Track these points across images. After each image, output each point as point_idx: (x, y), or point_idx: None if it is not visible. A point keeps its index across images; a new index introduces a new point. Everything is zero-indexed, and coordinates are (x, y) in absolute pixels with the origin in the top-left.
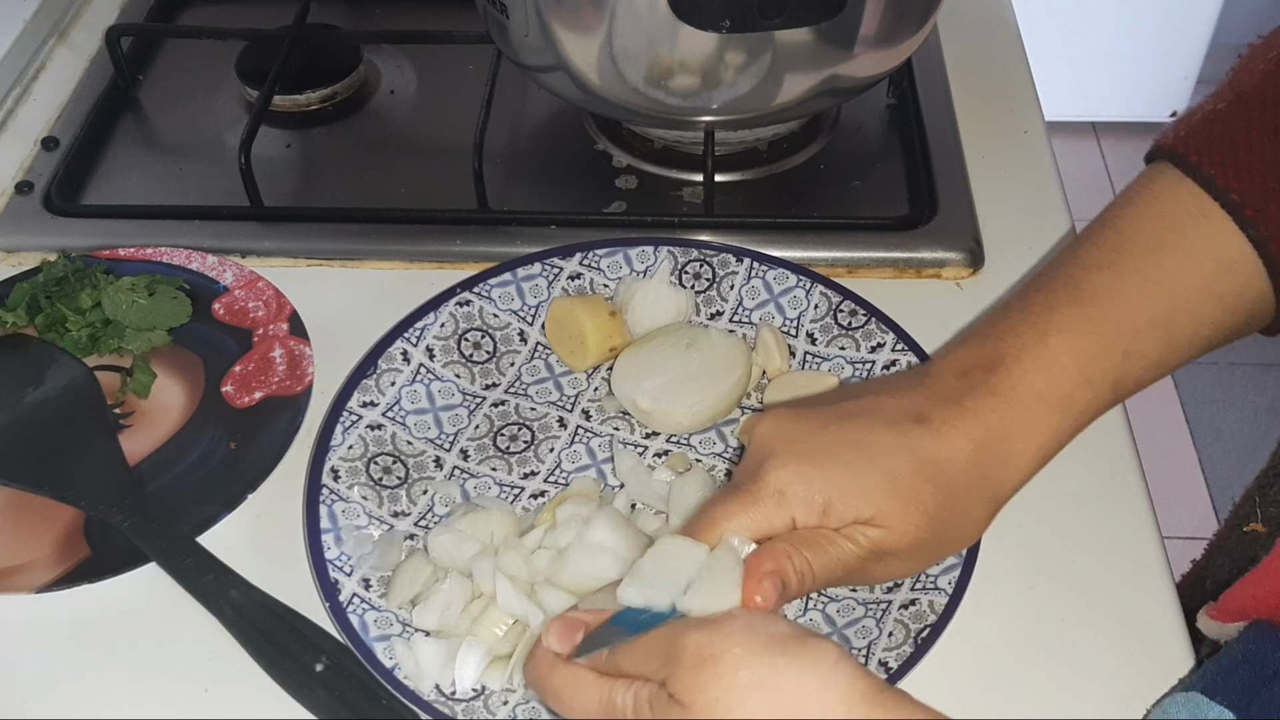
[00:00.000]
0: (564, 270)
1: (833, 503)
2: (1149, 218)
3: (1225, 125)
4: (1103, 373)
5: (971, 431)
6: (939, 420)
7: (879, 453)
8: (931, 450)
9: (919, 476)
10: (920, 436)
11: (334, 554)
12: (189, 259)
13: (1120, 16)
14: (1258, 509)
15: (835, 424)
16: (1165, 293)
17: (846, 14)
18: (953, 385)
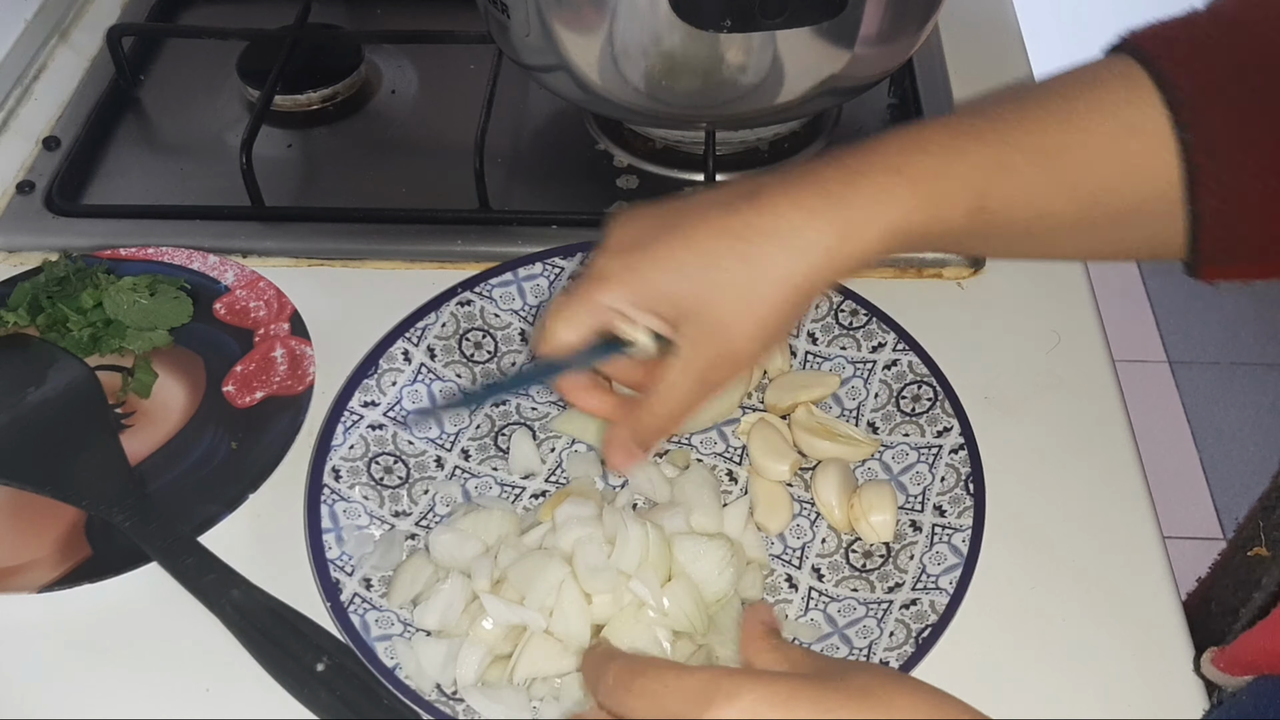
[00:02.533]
0: (565, 270)
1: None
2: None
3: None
4: (969, 169)
5: (801, 199)
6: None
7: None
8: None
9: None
10: (746, 210)
11: (335, 554)
12: (190, 259)
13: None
14: (1261, 532)
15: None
16: (1061, 129)
17: (848, 14)
18: (804, 164)
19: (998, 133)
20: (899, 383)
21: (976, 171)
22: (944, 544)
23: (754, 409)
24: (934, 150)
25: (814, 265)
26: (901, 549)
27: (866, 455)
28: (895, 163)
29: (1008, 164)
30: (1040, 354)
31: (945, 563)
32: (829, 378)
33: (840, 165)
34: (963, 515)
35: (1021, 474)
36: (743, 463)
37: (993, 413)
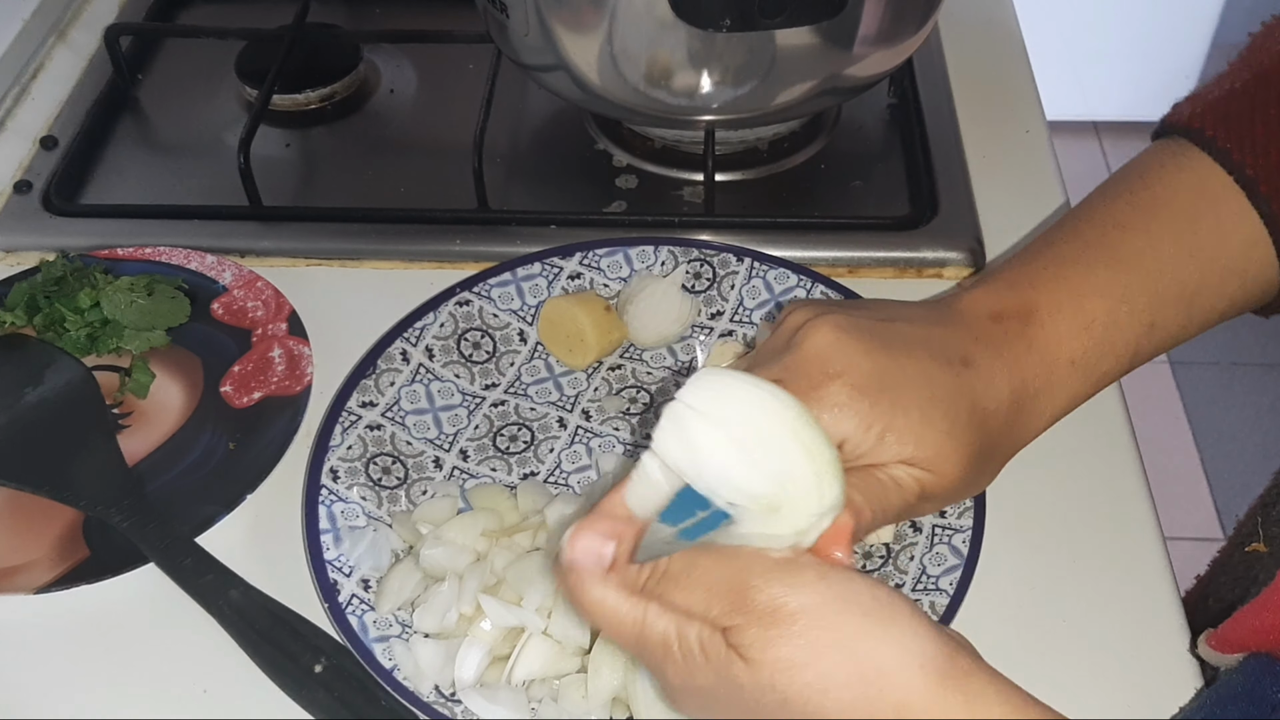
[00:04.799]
0: (564, 270)
1: (888, 434)
2: (1182, 185)
3: (1241, 103)
4: (1127, 342)
5: (1011, 384)
6: (985, 366)
7: (939, 391)
8: (980, 397)
9: (972, 422)
10: (971, 379)
11: (333, 554)
12: (188, 259)
13: (1122, 16)
14: (1260, 528)
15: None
16: (1195, 266)
17: (847, 13)
18: (989, 329)
19: (1146, 292)
20: None
21: (1131, 344)
22: (944, 545)
23: None
24: (1098, 331)
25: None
26: (901, 550)
27: None
28: (1071, 353)
29: (1158, 325)
30: None
31: (945, 564)
32: None
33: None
34: (963, 516)
35: (1021, 474)
36: None
37: None
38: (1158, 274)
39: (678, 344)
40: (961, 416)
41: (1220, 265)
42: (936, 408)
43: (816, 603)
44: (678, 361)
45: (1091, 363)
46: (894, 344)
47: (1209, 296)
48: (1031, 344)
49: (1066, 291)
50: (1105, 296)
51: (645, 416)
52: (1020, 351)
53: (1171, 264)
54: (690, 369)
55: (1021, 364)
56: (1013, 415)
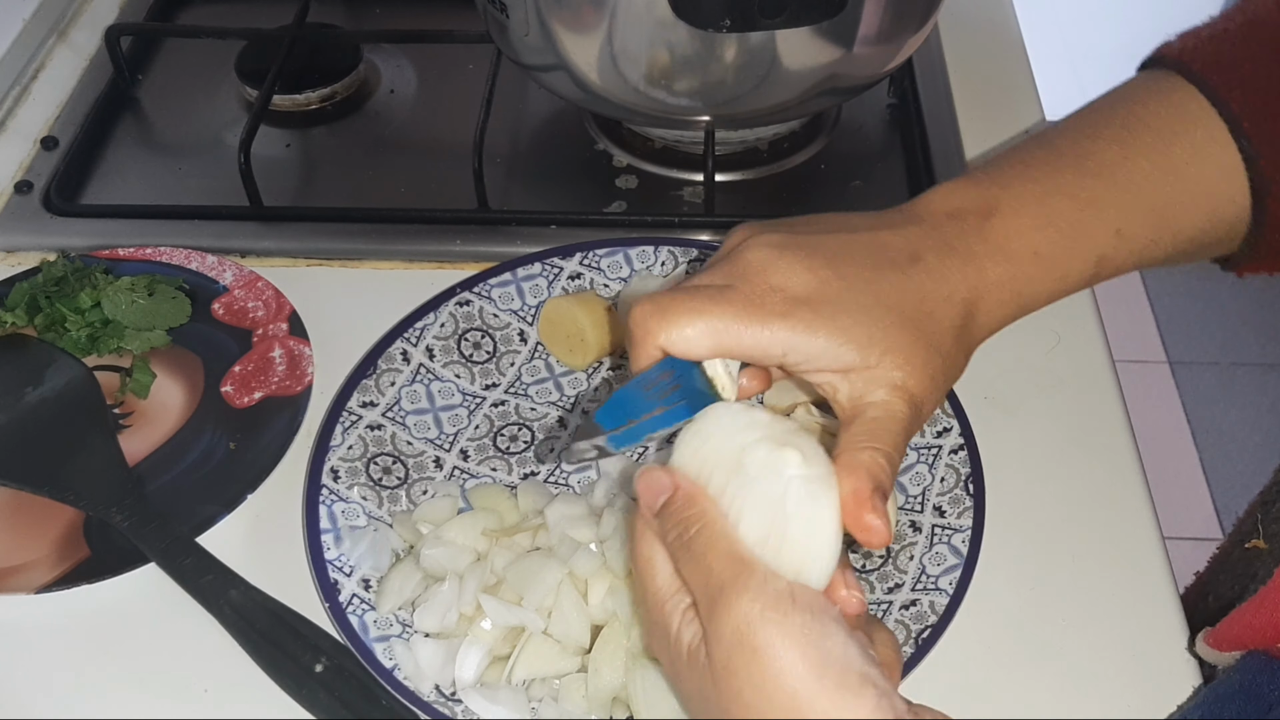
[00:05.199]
0: (564, 270)
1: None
2: (1163, 108)
3: (1232, 43)
4: (1092, 245)
5: (966, 275)
6: (934, 262)
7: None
8: (930, 290)
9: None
10: (919, 276)
11: (334, 554)
12: (188, 259)
13: (1121, 15)
14: (1259, 525)
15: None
16: (1167, 182)
17: (847, 13)
18: (945, 226)
19: (1114, 198)
20: None
21: (1097, 245)
22: (944, 544)
23: None
24: (1062, 227)
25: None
26: (901, 549)
27: None
28: (1032, 245)
29: (1125, 231)
30: (1040, 354)
31: (945, 563)
32: None
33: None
34: (962, 516)
35: (1021, 475)
36: None
37: (993, 413)
38: (1127, 183)
39: None
40: (909, 310)
41: (1192, 185)
42: (881, 306)
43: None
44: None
45: (1055, 257)
46: (834, 254)
47: (1179, 214)
48: (989, 237)
49: (1031, 190)
50: (1071, 198)
51: None
52: (975, 244)
53: (1142, 176)
54: None
55: (977, 254)
56: (972, 304)
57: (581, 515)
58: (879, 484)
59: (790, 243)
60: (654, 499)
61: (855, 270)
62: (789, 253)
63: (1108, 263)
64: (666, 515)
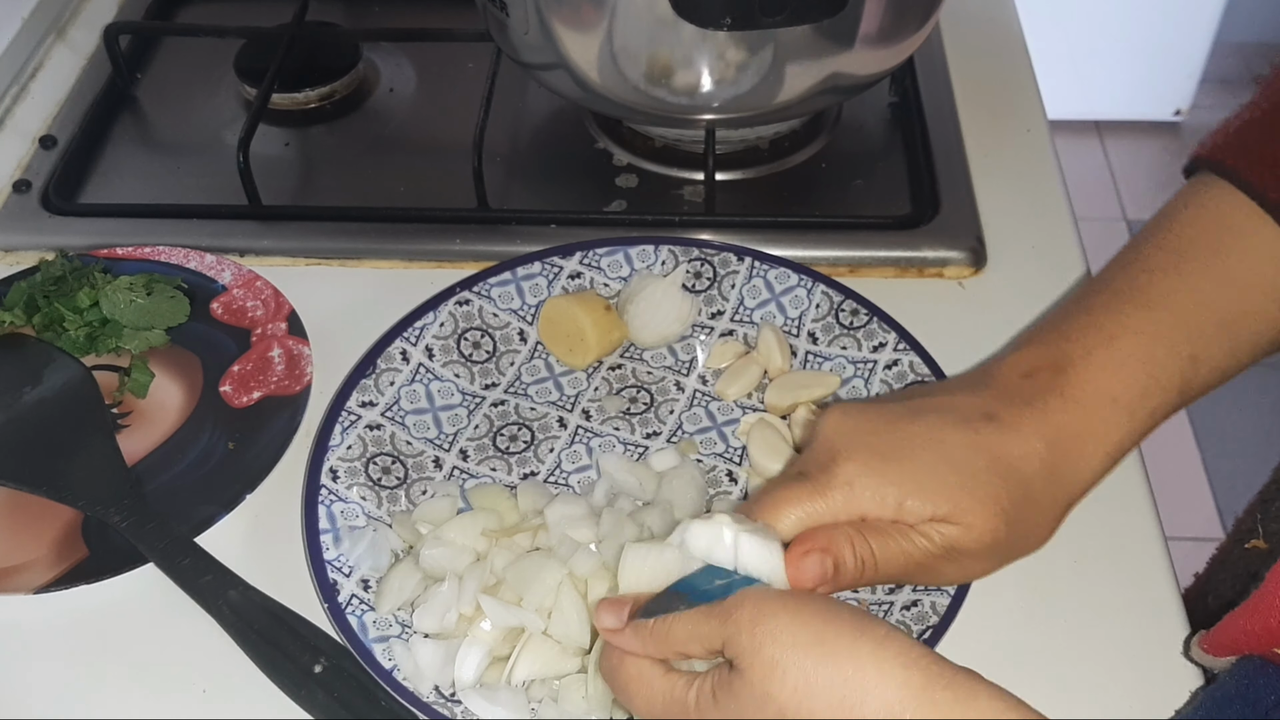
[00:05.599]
0: (564, 269)
1: (906, 500)
2: (1207, 221)
3: (1261, 131)
4: (1170, 376)
5: (1043, 431)
6: (1010, 419)
7: (952, 450)
8: (1005, 448)
9: (994, 474)
10: (992, 434)
11: (333, 554)
12: (187, 258)
13: (1123, 15)
14: (1259, 525)
15: (905, 420)
16: (1230, 296)
17: (848, 12)
18: (1019, 385)
19: (1182, 326)
20: (900, 383)
21: (1176, 377)
22: None
23: (754, 409)
24: (1135, 367)
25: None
26: None
27: None
28: (1109, 390)
29: (1200, 355)
30: None
31: None
32: (829, 378)
33: (1060, 392)
34: None
35: None
36: (743, 463)
37: None
38: (1192, 307)
39: (678, 343)
40: (980, 469)
41: (1256, 291)
42: (949, 464)
43: (795, 605)
44: (678, 361)
45: (1135, 398)
46: (902, 417)
47: (1251, 323)
48: (1065, 390)
49: (1097, 337)
50: (1138, 334)
51: (645, 416)
52: (1053, 398)
53: (1204, 296)
54: (691, 368)
55: (1053, 409)
56: (1053, 461)
57: (581, 515)
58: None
59: (854, 408)
60: (618, 615)
61: (920, 428)
62: (849, 416)
63: (1191, 388)
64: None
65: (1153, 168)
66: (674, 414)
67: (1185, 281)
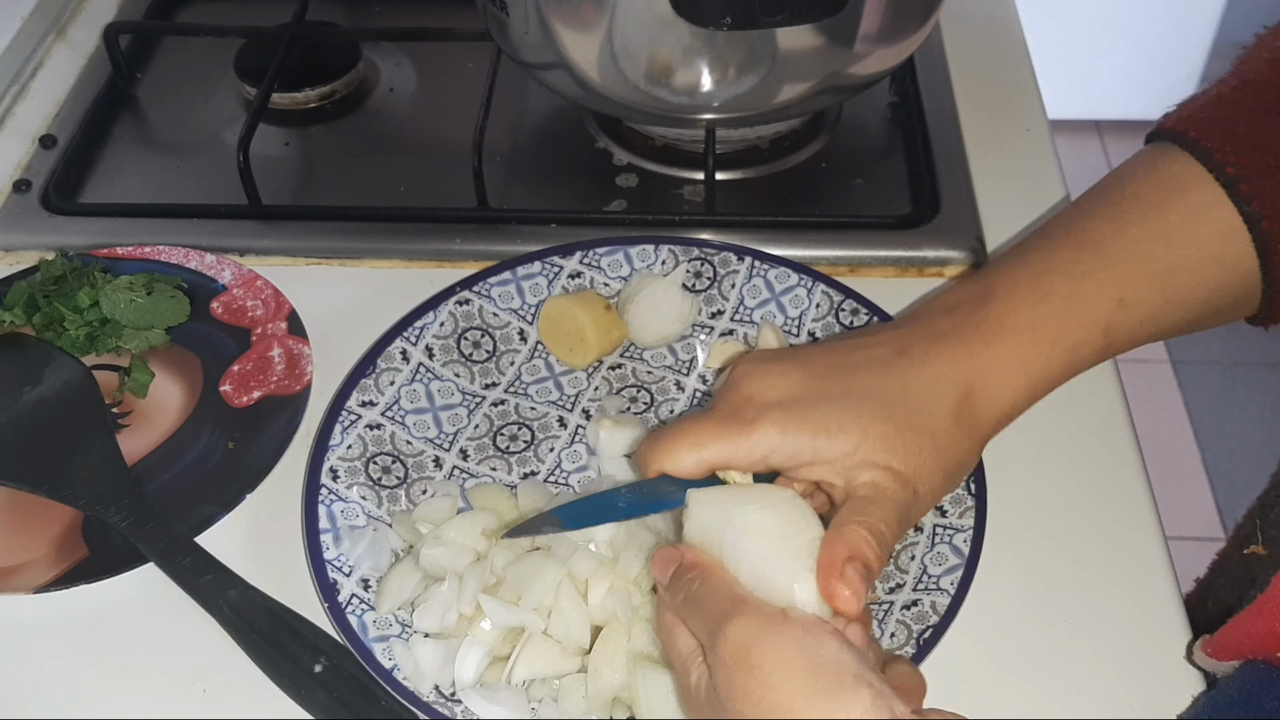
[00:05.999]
0: (564, 269)
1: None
2: (1153, 180)
3: (1227, 107)
4: (1096, 314)
5: (955, 357)
6: (921, 351)
7: (862, 384)
8: (917, 378)
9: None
10: (904, 366)
11: (333, 554)
12: (187, 257)
13: (1123, 14)
14: (1259, 530)
15: (819, 366)
16: (1165, 247)
17: (848, 11)
18: (939, 320)
19: (1111, 268)
20: None
21: (1101, 315)
22: (945, 544)
23: None
24: (1058, 300)
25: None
26: (902, 549)
27: None
28: (1029, 319)
29: (1128, 299)
30: None
31: (946, 563)
32: None
33: (979, 321)
34: (964, 515)
35: (1023, 474)
36: None
37: None
38: (1122, 252)
39: (678, 343)
40: (891, 397)
41: (1192, 250)
42: (856, 396)
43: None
44: (678, 360)
45: (1055, 330)
46: (811, 359)
47: (1184, 277)
48: (983, 320)
49: (1024, 271)
50: (1065, 273)
51: (645, 415)
52: (969, 328)
53: (1137, 245)
54: (691, 368)
55: (969, 338)
56: (968, 386)
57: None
58: (856, 552)
59: (770, 355)
60: (664, 572)
61: (833, 370)
62: (764, 364)
63: (1118, 333)
64: (675, 582)
65: None
66: (674, 413)
67: (1119, 229)
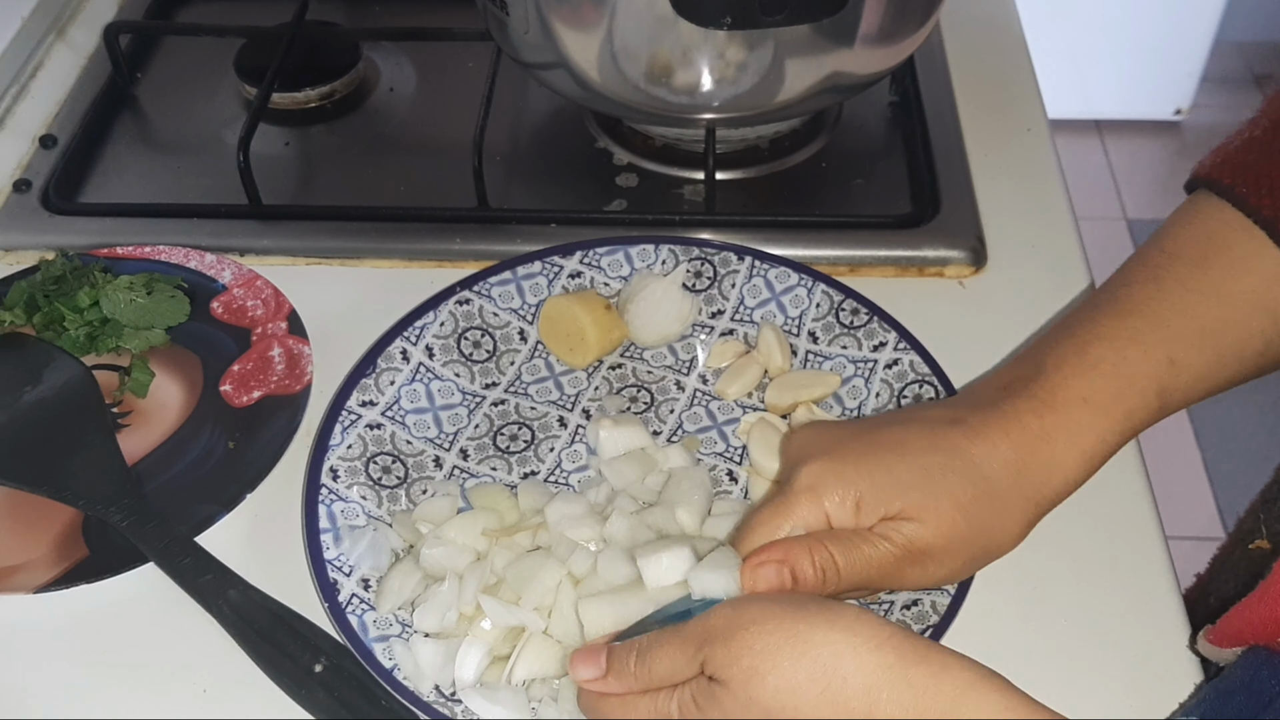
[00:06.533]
0: (564, 269)
1: (864, 497)
2: (1192, 235)
3: (1260, 150)
4: (1147, 379)
5: (1008, 430)
6: (976, 422)
7: (911, 450)
8: (966, 447)
9: (951, 471)
10: (955, 436)
11: (333, 554)
12: (187, 257)
13: (1124, 14)
14: (1262, 525)
15: (870, 430)
16: (1210, 303)
17: (848, 11)
18: (993, 395)
19: (1158, 330)
20: (900, 382)
21: (1153, 380)
22: None
23: (754, 409)
24: (1107, 368)
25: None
26: None
27: None
28: (1079, 391)
29: (1178, 359)
30: None
31: None
32: (830, 377)
33: (1030, 396)
34: None
35: None
36: (743, 463)
37: None
38: (1168, 314)
39: (678, 343)
40: (938, 466)
41: (1240, 300)
42: (906, 463)
43: (763, 611)
44: (678, 360)
45: (1108, 399)
46: (868, 426)
47: (1234, 331)
48: (1035, 393)
49: (1071, 344)
50: (1111, 340)
51: (646, 415)
52: (1021, 401)
53: (1182, 303)
54: (691, 368)
55: (1023, 412)
56: (1019, 460)
57: (581, 514)
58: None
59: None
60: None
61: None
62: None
63: (1172, 394)
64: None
65: (1153, 167)
66: (674, 413)
67: (1162, 289)
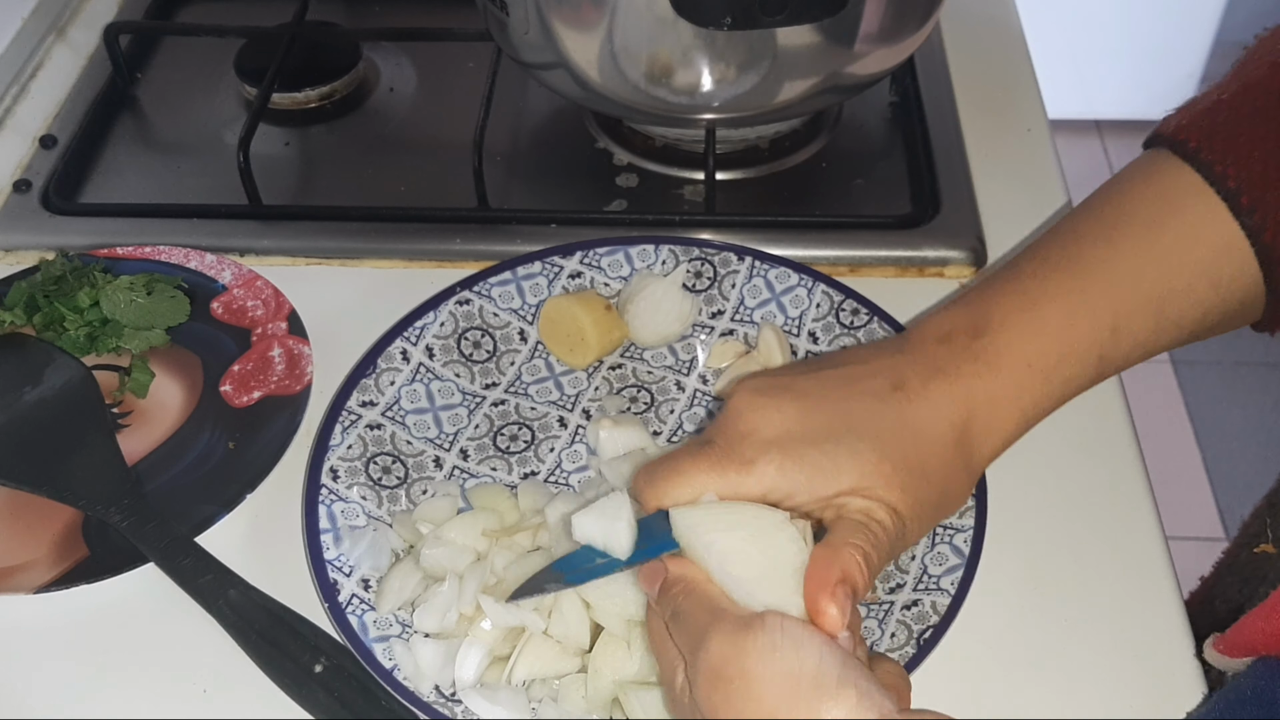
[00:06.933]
0: (564, 269)
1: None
2: (1148, 195)
3: (1227, 114)
4: (1088, 346)
5: (953, 394)
6: (918, 387)
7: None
8: (913, 414)
9: (903, 439)
10: (899, 402)
11: (333, 554)
12: (187, 258)
13: (1124, 14)
14: (1268, 529)
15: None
16: (1160, 271)
17: (848, 11)
18: (934, 351)
19: (1106, 296)
20: None
21: (1094, 347)
22: (945, 544)
23: None
24: (1053, 333)
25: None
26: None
27: None
28: (1024, 355)
29: (1121, 327)
30: None
31: (947, 563)
32: None
33: (974, 357)
34: (964, 515)
35: (1023, 474)
36: None
37: None
38: (1117, 279)
39: (679, 343)
40: (886, 436)
41: (1188, 269)
42: (854, 435)
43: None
44: (679, 360)
45: (1051, 364)
46: (807, 392)
47: (1178, 301)
48: (979, 355)
49: (1019, 301)
50: (1061, 302)
51: (646, 416)
52: (966, 363)
53: (1133, 270)
54: (691, 368)
55: (965, 374)
56: (963, 424)
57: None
58: (847, 573)
59: (766, 386)
60: (652, 586)
61: (829, 405)
62: (761, 396)
63: (1110, 360)
64: (663, 595)
65: None
66: (674, 414)
67: (1116, 252)
